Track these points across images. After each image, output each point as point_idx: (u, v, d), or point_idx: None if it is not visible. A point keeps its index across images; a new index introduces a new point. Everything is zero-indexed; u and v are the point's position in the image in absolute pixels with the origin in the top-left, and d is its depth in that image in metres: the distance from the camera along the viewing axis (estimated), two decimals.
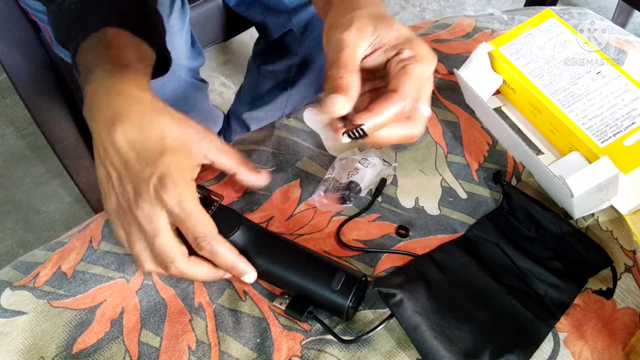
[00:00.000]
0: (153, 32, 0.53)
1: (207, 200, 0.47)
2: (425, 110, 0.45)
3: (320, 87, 1.05)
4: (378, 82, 0.47)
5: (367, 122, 0.43)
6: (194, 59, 0.87)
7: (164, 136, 0.42)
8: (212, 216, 0.45)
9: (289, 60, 0.99)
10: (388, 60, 0.46)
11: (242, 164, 0.46)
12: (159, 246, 0.43)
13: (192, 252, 0.45)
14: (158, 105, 0.44)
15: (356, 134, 0.43)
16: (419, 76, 0.44)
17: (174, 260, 0.43)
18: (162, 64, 0.55)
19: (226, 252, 0.44)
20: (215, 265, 0.45)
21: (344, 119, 0.44)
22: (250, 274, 0.46)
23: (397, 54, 0.45)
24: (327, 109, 0.43)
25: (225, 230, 0.46)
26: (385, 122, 0.43)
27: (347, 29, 0.44)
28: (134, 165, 0.42)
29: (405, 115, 0.44)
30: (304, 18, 0.91)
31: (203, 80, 0.95)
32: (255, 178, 0.47)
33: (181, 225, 0.43)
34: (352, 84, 0.43)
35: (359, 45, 0.44)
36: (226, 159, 0.46)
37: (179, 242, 0.44)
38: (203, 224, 0.43)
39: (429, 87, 0.45)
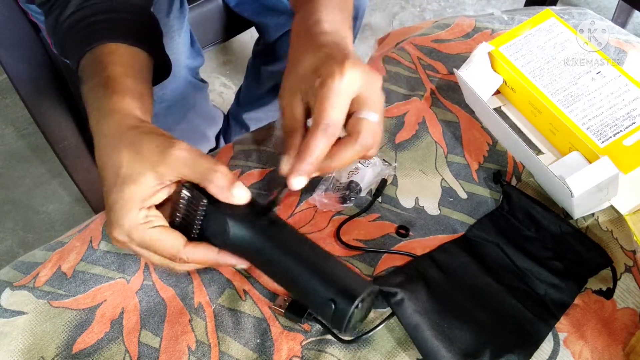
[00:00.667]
0: (150, 39, 0.54)
1: (193, 202, 0.44)
2: (371, 117, 0.43)
3: None
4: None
5: (294, 175, 0.42)
6: (193, 58, 0.88)
7: (119, 167, 0.42)
8: (203, 220, 0.43)
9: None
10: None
11: (210, 177, 0.41)
12: (154, 263, 0.45)
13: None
14: (128, 133, 0.43)
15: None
16: (330, 94, 0.42)
17: (173, 267, 0.45)
18: (162, 69, 0.55)
19: (202, 256, 0.44)
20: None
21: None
22: (239, 263, 0.45)
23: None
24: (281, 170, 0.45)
25: (216, 239, 0.44)
26: (318, 158, 0.42)
27: (280, 97, 0.46)
28: (105, 198, 0.43)
29: (347, 131, 0.44)
30: None
31: (203, 80, 0.95)
32: (225, 194, 0.42)
33: (145, 251, 0.43)
34: (294, 144, 0.44)
35: (295, 109, 0.45)
36: (193, 173, 0.41)
37: (170, 254, 0.43)
38: (163, 246, 0.42)
39: (343, 100, 0.42)
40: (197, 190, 0.43)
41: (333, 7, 0.49)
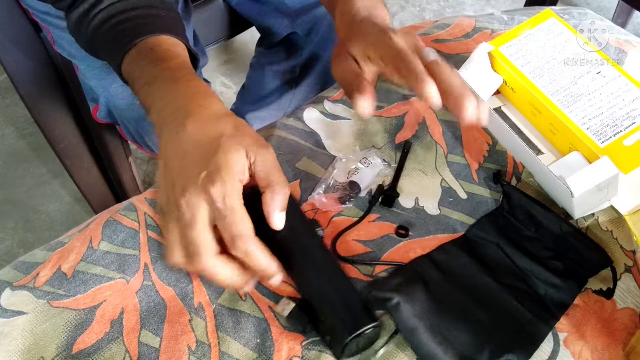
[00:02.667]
0: (183, 33, 0.55)
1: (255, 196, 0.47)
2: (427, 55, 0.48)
3: (324, 85, 1.06)
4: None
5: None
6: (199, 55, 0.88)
7: (221, 137, 0.44)
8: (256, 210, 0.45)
9: (293, 60, 0.99)
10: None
11: (277, 188, 0.45)
12: (191, 235, 0.43)
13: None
14: (221, 111, 0.46)
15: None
16: (399, 40, 0.48)
17: (202, 252, 0.43)
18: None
19: (261, 254, 0.43)
20: (243, 268, 0.44)
21: None
22: (278, 277, 0.45)
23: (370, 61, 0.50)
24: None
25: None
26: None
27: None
28: (189, 161, 0.44)
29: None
30: (307, 20, 0.90)
31: (206, 80, 0.95)
32: (274, 216, 0.45)
33: (221, 221, 0.42)
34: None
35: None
36: (268, 174, 0.44)
37: (212, 237, 0.43)
38: (242, 223, 0.42)
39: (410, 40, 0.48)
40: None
41: None
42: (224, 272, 0.44)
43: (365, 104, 0.48)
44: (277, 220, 0.45)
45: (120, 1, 0.54)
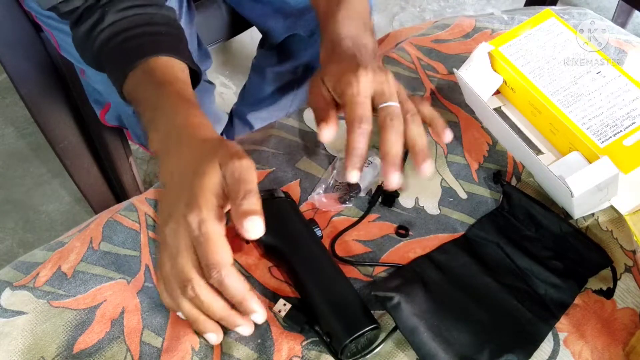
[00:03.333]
0: (185, 50, 0.56)
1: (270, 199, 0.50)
2: (387, 104, 0.50)
3: None
4: None
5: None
6: (201, 61, 0.87)
7: (200, 163, 0.44)
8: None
9: (295, 61, 0.99)
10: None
11: (236, 197, 0.42)
12: (179, 264, 0.43)
13: None
14: (209, 137, 0.47)
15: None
16: (353, 98, 0.49)
17: (190, 280, 0.42)
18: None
19: (235, 285, 0.42)
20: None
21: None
22: (258, 314, 0.44)
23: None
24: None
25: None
26: (362, 151, 0.49)
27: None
28: (174, 190, 0.45)
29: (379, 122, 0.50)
30: (311, 21, 0.90)
31: (210, 82, 0.95)
32: (245, 228, 0.42)
33: (198, 249, 0.42)
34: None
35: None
36: (234, 186, 0.43)
37: (198, 264, 0.43)
38: (217, 251, 0.42)
39: (363, 100, 0.50)
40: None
41: (350, 21, 0.56)
42: (219, 303, 0.43)
43: (326, 134, 0.51)
44: (251, 227, 0.42)
45: (123, 19, 0.54)
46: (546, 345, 0.47)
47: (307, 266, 0.48)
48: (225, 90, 1.61)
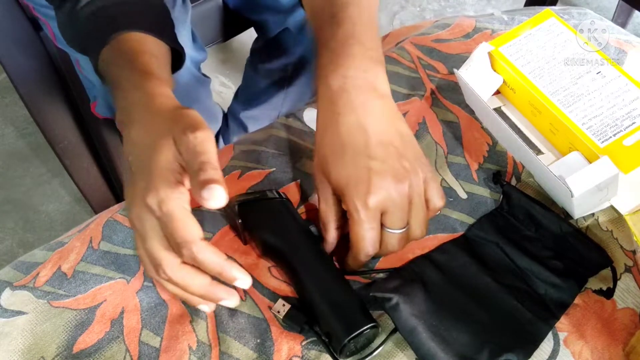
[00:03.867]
0: (166, 30, 0.54)
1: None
2: (390, 230, 0.47)
3: None
4: None
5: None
6: (197, 51, 0.88)
7: (155, 139, 0.42)
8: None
9: (285, 59, 1.00)
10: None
11: (196, 167, 0.40)
12: (148, 249, 0.42)
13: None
14: (166, 109, 0.44)
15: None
16: (359, 229, 0.46)
17: (161, 263, 0.41)
18: (175, 60, 0.55)
19: (209, 258, 0.41)
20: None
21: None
22: (242, 279, 0.42)
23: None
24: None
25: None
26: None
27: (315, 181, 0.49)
28: (133, 173, 0.43)
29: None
30: (299, 18, 0.91)
31: (205, 76, 0.96)
32: (203, 197, 0.39)
33: (164, 230, 0.41)
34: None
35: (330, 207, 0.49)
36: (189, 161, 0.40)
37: (168, 248, 0.42)
38: (184, 228, 0.40)
39: (371, 226, 0.46)
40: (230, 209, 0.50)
41: (354, 68, 0.49)
42: (195, 281, 0.42)
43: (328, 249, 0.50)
44: (210, 195, 0.39)
45: None
46: (546, 345, 0.47)
47: (305, 266, 0.48)
48: (225, 90, 1.61)
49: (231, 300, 0.44)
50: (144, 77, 0.47)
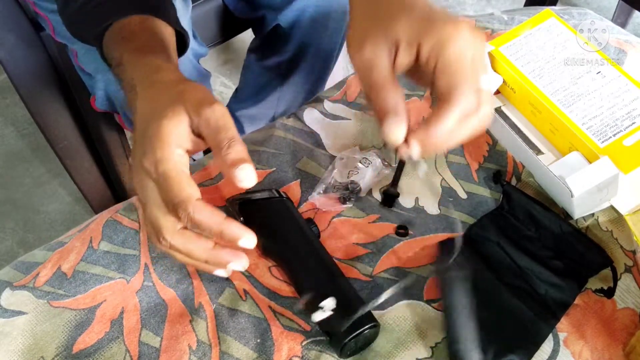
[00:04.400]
0: (169, 13, 0.54)
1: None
2: (484, 84, 0.38)
3: (312, 85, 1.07)
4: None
5: (424, 139, 0.38)
6: (198, 45, 0.88)
7: (161, 110, 0.41)
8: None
9: (278, 56, 1.00)
10: (418, 59, 0.39)
11: (220, 148, 0.39)
12: (148, 215, 0.41)
13: None
14: (171, 81, 0.43)
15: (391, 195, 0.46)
16: (456, 64, 0.37)
17: (161, 229, 0.40)
18: (178, 45, 0.55)
19: (207, 218, 0.39)
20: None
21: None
22: (245, 238, 0.40)
23: (419, 52, 0.38)
24: (389, 140, 0.40)
25: None
26: (445, 132, 0.38)
27: (360, 49, 0.39)
28: (136, 143, 0.42)
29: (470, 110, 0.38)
30: (290, 16, 0.92)
31: (205, 70, 0.96)
32: (238, 178, 0.39)
33: (161, 193, 0.40)
34: (395, 102, 0.39)
35: (381, 63, 0.39)
36: (215, 133, 0.40)
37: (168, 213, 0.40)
38: (178, 189, 0.38)
39: (475, 63, 0.38)
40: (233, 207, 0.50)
41: None
42: (196, 245, 0.41)
43: (397, 133, 0.39)
44: (244, 176, 0.38)
45: None
46: (546, 346, 0.46)
47: (305, 265, 0.48)
48: (225, 90, 1.61)
49: (238, 262, 0.41)
50: (149, 54, 0.46)
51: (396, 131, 0.39)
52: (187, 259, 0.42)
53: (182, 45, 0.55)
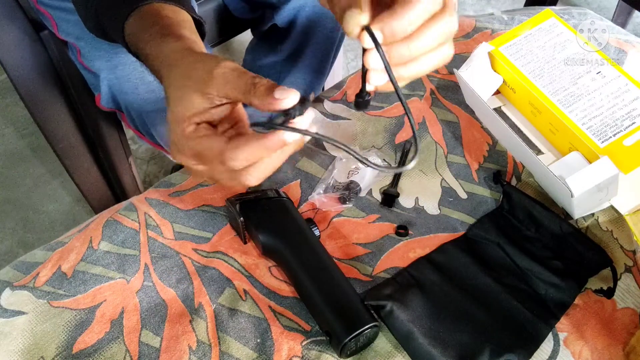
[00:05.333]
0: (185, 1, 0.54)
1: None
2: None
3: (309, 85, 1.07)
4: None
5: (388, 24, 0.36)
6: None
7: (175, 90, 0.43)
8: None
9: (274, 56, 1.01)
10: None
11: (251, 90, 0.40)
12: (211, 176, 0.42)
13: None
14: (195, 61, 0.43)
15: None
16: None
17: (222, 151, 0.40)
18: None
19: (246, 146, 0.39)
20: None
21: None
22: (288, 98, 0.38)
23: None
24: (347, 28, 0.37)
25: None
26: (411, 23, 0.36)
27: None
28: (170, 123, 0.43)
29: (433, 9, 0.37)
30: (287, 14, 0.92)
31: None
32: (267, 101, 0.39)
33: (200, 167, 0.42)
34: None
35: None
36: (236, 91, 0.40)
37: (221, 143, 0.40)
38: (209, 149, 0.40)
39: None
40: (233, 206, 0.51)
41: None
42: (254, 141, 0.40)
43: (361, 18, 0.37)
44: (282, 94, 0.38)
45: None
46: (546, 345, 0.46)
47: (305, 265, 0.48)
48: None
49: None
50: (175, 37, 0.48)
51: (356, 15, 0.37)
52: (265, 156, 0.41)
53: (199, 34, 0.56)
